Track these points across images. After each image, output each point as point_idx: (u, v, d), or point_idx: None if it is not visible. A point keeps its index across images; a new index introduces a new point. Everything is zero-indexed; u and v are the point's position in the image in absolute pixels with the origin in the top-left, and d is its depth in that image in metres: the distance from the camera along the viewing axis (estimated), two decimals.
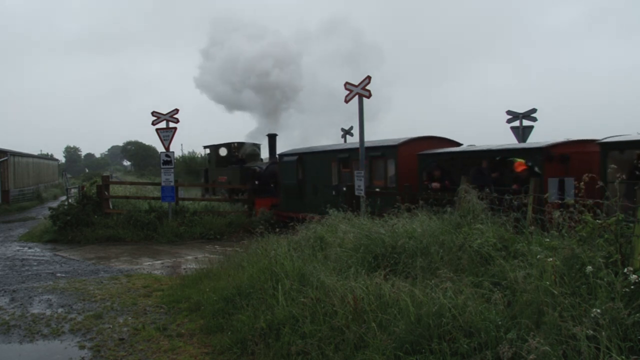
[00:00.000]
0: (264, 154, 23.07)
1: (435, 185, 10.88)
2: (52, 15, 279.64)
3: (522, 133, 15.17)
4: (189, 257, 11.68)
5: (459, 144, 13.12)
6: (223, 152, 22.49)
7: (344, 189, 12.41)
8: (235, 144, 22.53)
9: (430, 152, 12.10)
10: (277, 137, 20.68)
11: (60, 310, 7.33)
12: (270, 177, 18.71)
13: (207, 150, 24.07)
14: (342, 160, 14.22)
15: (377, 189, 12.28)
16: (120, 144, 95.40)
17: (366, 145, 12.61)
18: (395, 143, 12.51)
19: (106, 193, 15.62)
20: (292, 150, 17.44)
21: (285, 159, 16.98)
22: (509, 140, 15.44)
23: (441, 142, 13.00)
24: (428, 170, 11.51)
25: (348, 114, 18.87)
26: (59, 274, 9.90)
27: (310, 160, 15.79)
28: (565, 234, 4.79)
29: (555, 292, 3.87)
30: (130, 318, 6.88)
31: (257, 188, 18.26)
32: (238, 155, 21.99)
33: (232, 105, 24.36)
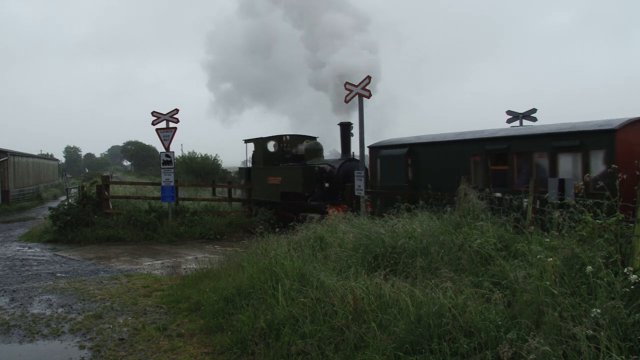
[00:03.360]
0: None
1: None
2: (57, 19, 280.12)
3: None
4: (189, 257, 11.68)
5: None
6: (272, 147, 18.24)
7: (490, 193, 8.31)
8: (288, 137, 18.19)
9: None
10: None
11: (60, 310, 7.33)
12: (345, 178, 14.86)
13: (250, 146, 19.21)
14: (493, 154, 10.52)
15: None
16: (120, 144, 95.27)
17: (543, 130, 9.76)
18: (610, 126, 8.50)
19: (106, 193, 15.62)
20: (395, 140, 13.36)
21: (385, 152, 13.10)
22: None
23: None
24: None
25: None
26: (59, 274, 9.90)
27: (429, 154, 11.96)
28: (565, 234, 4.79)
29: (555, 292, 3.87)
30: (130, 318, 6.88)
31: (328, 192, 15.11)
32: (292, 151, 17.72)
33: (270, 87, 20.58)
